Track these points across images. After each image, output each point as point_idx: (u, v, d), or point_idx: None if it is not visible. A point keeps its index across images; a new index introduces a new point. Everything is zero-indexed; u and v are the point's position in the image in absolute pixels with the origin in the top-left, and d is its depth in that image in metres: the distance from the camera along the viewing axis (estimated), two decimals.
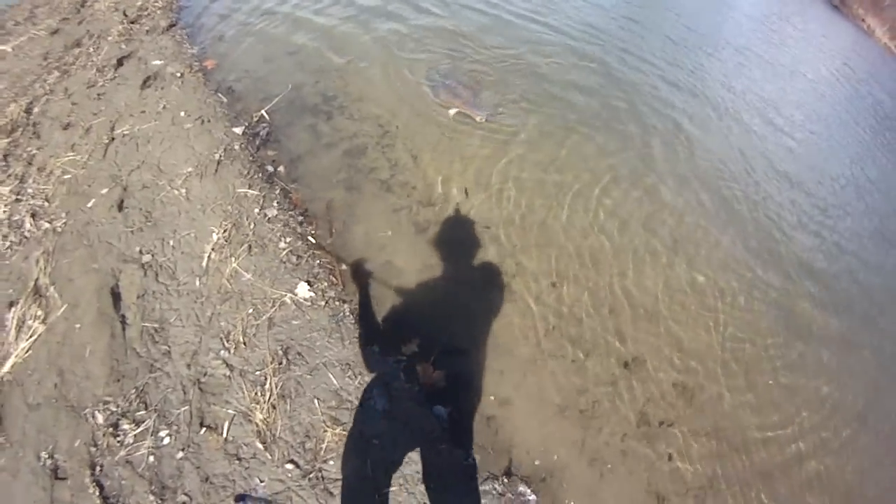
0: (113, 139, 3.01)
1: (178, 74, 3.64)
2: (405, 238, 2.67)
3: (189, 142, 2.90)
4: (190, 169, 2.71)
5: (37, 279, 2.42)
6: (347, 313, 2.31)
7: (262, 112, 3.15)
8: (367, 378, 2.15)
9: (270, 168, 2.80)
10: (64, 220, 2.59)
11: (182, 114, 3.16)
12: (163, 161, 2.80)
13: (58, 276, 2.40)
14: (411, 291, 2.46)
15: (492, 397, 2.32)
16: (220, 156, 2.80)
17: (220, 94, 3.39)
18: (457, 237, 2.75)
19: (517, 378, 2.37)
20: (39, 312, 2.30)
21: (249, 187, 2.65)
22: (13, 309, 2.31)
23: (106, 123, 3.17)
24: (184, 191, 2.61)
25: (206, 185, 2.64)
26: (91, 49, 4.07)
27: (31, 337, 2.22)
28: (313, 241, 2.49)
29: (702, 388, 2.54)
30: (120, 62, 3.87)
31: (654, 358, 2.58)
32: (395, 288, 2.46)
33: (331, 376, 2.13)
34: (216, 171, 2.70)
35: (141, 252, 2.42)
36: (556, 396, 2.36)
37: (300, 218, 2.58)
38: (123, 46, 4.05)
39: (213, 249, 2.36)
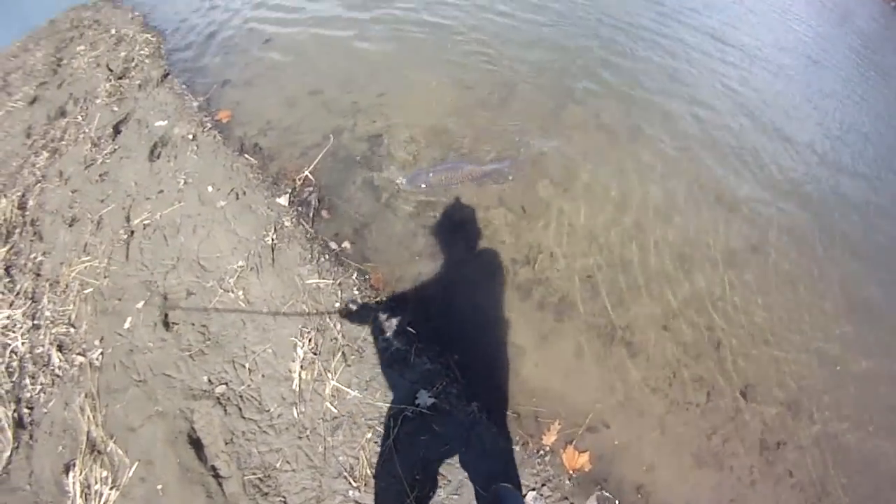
0: (132, 233, 2.36)
1: (190, 136, 2.95)
2: (514, 307, 2.14)
3: (229, 225, 2.28)
4: (241, 263, 2.11)
5: (88, 432, 1.85)
6: (478, 414, 1.81)
7: (306, 173, 2.53)
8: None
9: (335, 245, 2.21)
10: (100, 351, 1.99)
11: (209, 188, 2.51)
12: (203, 255, 2.19)
13: (114, 427, 1.83)
14: (535, 370, 1.97)
15: (641, 466, 1.89)
16: (273, 239, 2.19)
17: (246, 156, 2.74)
18: (562, 294, 2.24)
19: (655, 438, 1.95)
20: (105, 474, 1.75)
21: (319, 276, 2.06)
22: (71, 473, 1.75)
23: (118, 212, 2.51)
24: (241, 292, 2.02)
25: (266, 281, 2.05)
26: (80, 117, 3.32)
27: None
28: (413, 331, 1.95)
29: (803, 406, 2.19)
30: (117, 129, 3.15)
31: (764, 382, 2.21)
32: (516, 370, 1.95)
33: (479, 490, 1.65)
34: (273, 260, 2.11)
35: (211, 382, 1.86)
36: (691, 446, 1.98)
37: (390, 305, 2.03)
38: (116, 108, 3.31)
39: (301, 367, 1.81)
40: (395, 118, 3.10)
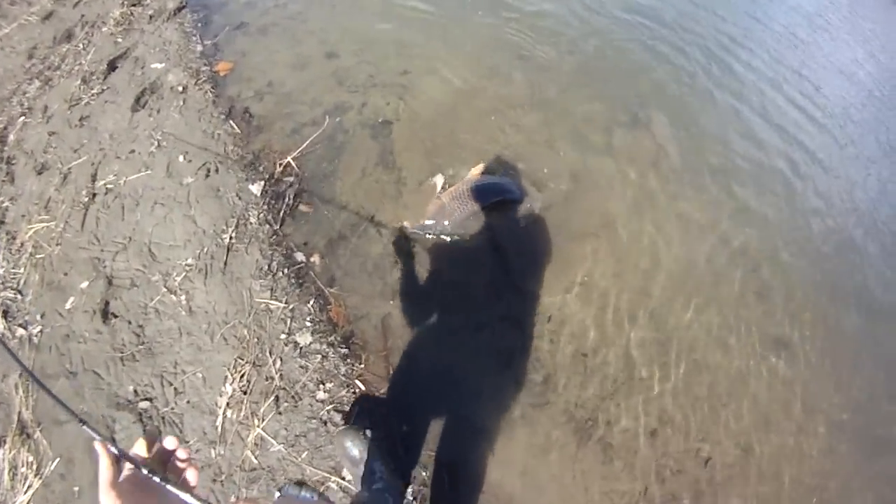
0: (94, 196, 2.07)
1: (181, 87, 2.54)
2: (488, 379, 1.71)
3: (189, 209, 1.93)
4: (190, 260, 1.78)
5: (20, 413, 1.71)
6: (411, 501, 1.50)
7: (289, 159, 2.08)
8: None
9: (301, 257, 1.82)
10: (40, 328, 1.80)
11: (181, 158, 2.14)
12: (156, 239, 1.88)
13: (43, 415, 1.67)
14: (491, 459, 1.58)
15: None
16: (231, 237, 1.83)
17: (232, 122, 2.31)
18: (548, 373, 1.77)
19: None
20: (31, 459, 1.62)
21: (272, 295, 1.71)
22: (1, 449, 1.65)
23: (87, 167, 2.21)
24: (183, 297, 1.72)
25: (212, 290, 1.73)
26: (82, 45, 2.97)
27: (27, 490, 1.57)
28: (361, 386, 1.60)
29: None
30: (112, 66, 2.77)
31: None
32: (469, 456, 1.56)
33: None
34: (225, 264, 1.77)
35: (136, 394, 1.63)
36: None
37: (343, 348, 1.67)
38: (119, 40, 2.92)
39: (228, 405, 1.53)
40: (412, 105, 2.52)
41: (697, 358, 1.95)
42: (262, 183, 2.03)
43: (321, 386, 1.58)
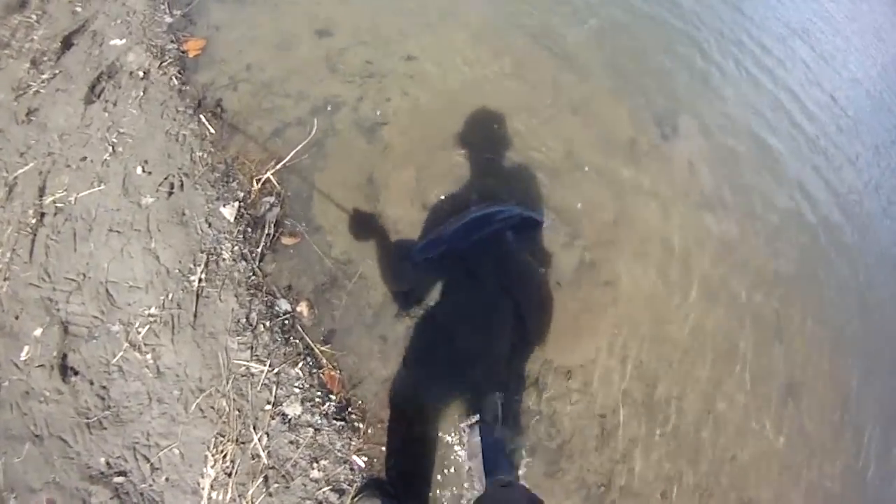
0: (42, 216, 1.72)
1: (142, 72, 2.06)
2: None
3: (150, 241, 1.57)
4: (154, 309, 1.47)
5: None
6: None
7: (268, 175, 1.67)
8: None
9: (285, 305, 1.49)
10: None
11: (139, 169, 1.74)
12: (112, 278, 1.55)
13: (15, 482, 1.49)
14: None
15: None
16: (201, 278, 1.50)
17: (202, 119, 1.86)
18: (565, 438, 1.50)
19: None
20: None
21: (253, 355, 1.41)
22: None
23: (34, 177, 1.84)
24: (149, 355, 1.43)
25: (182, 348, 1.43)
26: (35, 16, 2.42)
27: None
28: (362, 465, 1.35)
29: None
30: (66, 43, 2.27)
31: None
32: None
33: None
34: (195, 315, 1.45)
35: (109, 466, 1.41)
36: None
37: (339, 420, 1.39)
38: (78, 9, 2.37)
39: (211, 486, 1.31)
40: (418, 102, 2.01)
41: (716, 418, 1.68)
42: (237, 205, 1.64)
43: (315, 463, 1.34)
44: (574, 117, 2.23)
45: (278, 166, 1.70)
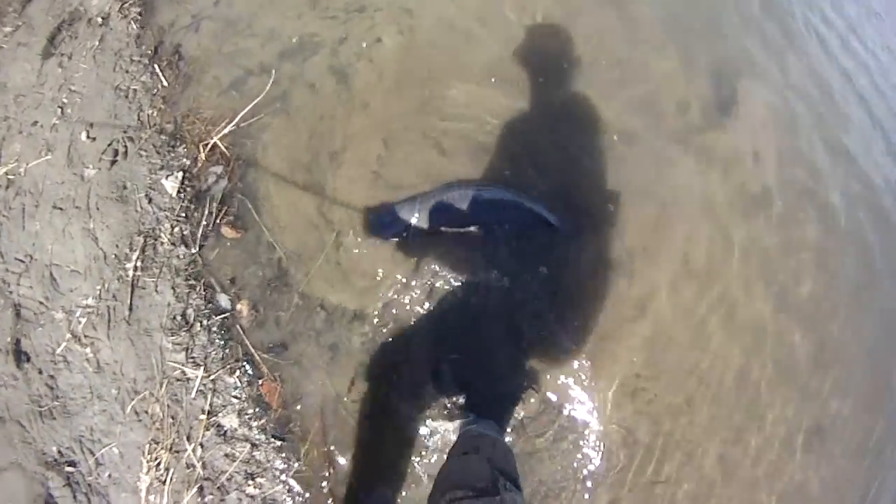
0: None
1: (101, 18, 1.80)
2: None
3: (89, 220, 1.39)
4: (91, 300, 1.31)
5: None
6: None
7: (215, 139, 1.38)
8: None
9: (225, 302, 1.26)
10: None
11: (83, 135, 1.53)
12: (56, 261, 1.40)
13: None
14: None
15: None
16: (136, 268, 1.30)
17: (156, 69, 1.59)
18: None
19: None
20: None
21: (188, 357, 1.22)
22: None
23: None
24: (88, 349, 1.30)
25: (117, 344, 1.28)
26: None
27: None
28: (300, 490, 1.16)
29: None
30: None
31: None
32: None
33: None
34: (130, 308, 1.27)
35: (61, 455, 1.36)
36: None
37: (277, 438, 1.18)
38: None
39: (148, 490, 1.20)
40: (415, 40, 1.57)
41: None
42: (180, 175, 1.40)
43: (251, 480, 1.18)
44: (611, 73, 1.68)
45: (227, 128, 1.40)
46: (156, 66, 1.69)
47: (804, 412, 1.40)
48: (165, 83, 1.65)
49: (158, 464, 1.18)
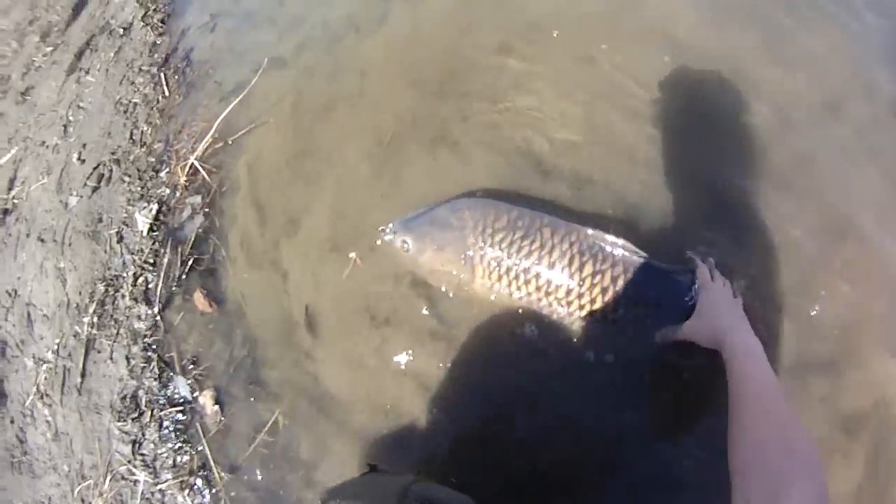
0: (5, 213, 1.51)
1: (122, 29, 1.67)
2: None
3: (61, 258, 1.21)
4: (50, 354, 1.13)
5: None
6: None
7: (192, 160, 1.12)
8: None
9: (184, 390, 0.93)
10: None
11: (76, 157, 1.37)
12: (33, 300, 1.23)
13: None
14: None
15: None
16: (93, 323, 1.08)
17: (162, 78, 1.38)
18: None
19: None
20: None
21: (136, 453, 0.94)
22: None
23: (9, 169, 1.62)
24: (47, 410, 1.11)
25: (69, 415, 1.05)
26: None
27: None
28: None
29: None
30: (76, 10, 1.94)
31: None
32: None
33: None
34: (83, 374, 1.05)
35: None
36: None
37: None
38: None
39: None
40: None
41: None
42: (154, 209, 1.16)
43: None
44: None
45: (205, 143, 1.10)
46: (162, 74, 1.49)
47: None
48: (167, 93, 1.42)
49: None
